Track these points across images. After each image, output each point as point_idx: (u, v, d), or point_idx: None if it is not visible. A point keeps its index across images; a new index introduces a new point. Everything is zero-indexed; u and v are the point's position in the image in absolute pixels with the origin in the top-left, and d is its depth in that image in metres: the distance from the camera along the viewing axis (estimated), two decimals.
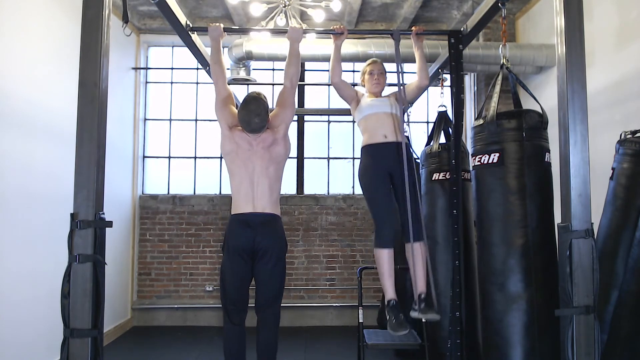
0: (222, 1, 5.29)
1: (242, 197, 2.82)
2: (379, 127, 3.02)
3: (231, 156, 2.87)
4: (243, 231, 2.77)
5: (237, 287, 2.80)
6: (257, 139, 2.86)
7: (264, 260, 2.77)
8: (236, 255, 2.77)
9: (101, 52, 2.01)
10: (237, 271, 2.78)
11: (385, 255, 2.91)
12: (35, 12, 3.83)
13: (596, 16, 4.03)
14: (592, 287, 2.01)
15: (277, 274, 2.82)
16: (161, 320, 5.77)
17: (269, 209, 2.82)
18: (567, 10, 2.11)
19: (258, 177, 2.82)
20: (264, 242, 2.76)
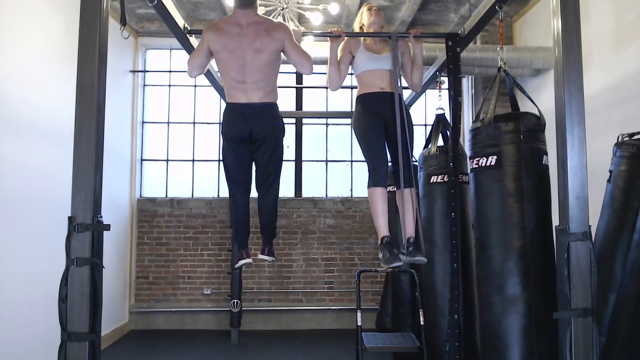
0: (219, 4, 5.30)
1: (235, 89, 2.80)
2: (377, 80, 3.08)
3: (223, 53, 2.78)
4: (239, 122, 2.82)
5: (240, 169, 2.97)
6: (248, 20, 2.78)
7: (262, 148, 2.87)
8: (234, 143, 2.87)
9: (99, 54, 2.01)
10: (237, 157, 2.92)
11: (379, 193, 2.97)
12: (33, 14, 3.83)
13: (593, 19, 4.04)
14: (590, 290, 2.01)
15: (276, 158, 2.96)
16: (159, 324, 5.75)
17: (264, 99, 2.82)
18: (564, 13, 2.12)
19: (250, 67, 2.77)
20: (261, 132, 2.83)
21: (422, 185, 3.85)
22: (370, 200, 3.01)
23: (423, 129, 6.31)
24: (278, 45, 2.82)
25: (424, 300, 3.72)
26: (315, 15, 4.46)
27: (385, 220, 2.99)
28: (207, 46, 2.82)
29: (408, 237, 2.95)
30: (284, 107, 3.06)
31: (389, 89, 3.07)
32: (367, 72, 3.12)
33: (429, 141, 3.92)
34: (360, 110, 3.11)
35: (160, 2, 2.79)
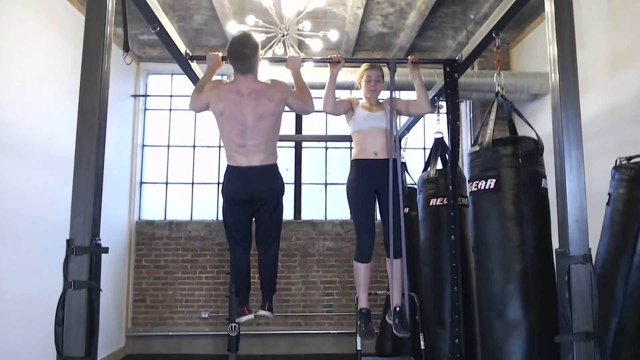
0: (221, 30, 5.39)
1: (236, 152, 2.79)
2: (371, 144, 3.08)
3: (223, 116, 2.78)
4: (240, 184, 2.83)
5: (240, 228, 2.98)
6: (248, 88, 2.77)
7: (263, 209, 2.90)
8: (235, 205, 2.88)
9: (101, 80, 2.03)
10: (237, 217, 2.94)
11: (362, 269, 3.09)
12: (36, 39, 3.89)
13: (589, 45, 4.11)
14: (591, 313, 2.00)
15: (276, 217, 2.98)
16: (156, 349, 5.67)
17: (265, 161, 2.82)
18: (559, 39, 2.15)
19: (251, 132, 2.76)
20: (262, 194, 2.84)
21: (421, 208, 3.85)
22: (355, 273, 3.16)
23: (422, 152, 6.34)
24: (280, 108, 2.86)
25: (425, 324, 3.68)
26: (315, 42, 4.52)
27: (365, 294, 3.14)
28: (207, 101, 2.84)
29: (395, 305, 3.08)
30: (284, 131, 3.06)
31: (383, 154, 3.05)
32: (362, 132, 3.11)
33: (428, 164, 3.93)
34: (353, 178, 3.12)
35: (163, 29, 2.83)
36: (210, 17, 5.20)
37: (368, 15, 5.12)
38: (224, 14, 4.82)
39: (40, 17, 3.94)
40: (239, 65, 2.76)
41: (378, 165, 3.04)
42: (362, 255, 3.07)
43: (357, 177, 3.10)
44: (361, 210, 3.08)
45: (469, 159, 2.92)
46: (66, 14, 4.28)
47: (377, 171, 3.03)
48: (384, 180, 2.96)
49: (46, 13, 4.02)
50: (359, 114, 3.13)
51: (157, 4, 2.69)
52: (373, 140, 3.08)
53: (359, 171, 3.10)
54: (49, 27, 4.05)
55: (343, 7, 4.95)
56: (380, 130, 3.09)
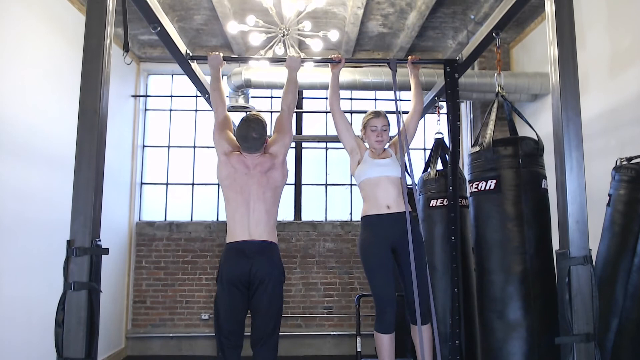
0: (221, 31, 5.39)
1: (238, 223, 2.73)
2: (382, 196, 2.84)
3: (228, 181, 2.80)
4: (239, 260, 2.65)
5: (232, 319, 2.66)
6: (255, 162, 2.82)
7: (260, 290, 2.63)
8: (231, 285, 2.64)
9: (102, 80, 2.03)
10: (232, 302, 2.65)
11: (386, 341, 2.74)
12: (37, 40, 3.89)
13: (589, 45, 4.11)
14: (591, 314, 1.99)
15: (275, 305, 2.68)
16: (156, 350, 5.67)
17: (265, 237, 2.71)
18: (560, 39, 2.15)
19: (254, 203, 2.75)
20: (260, 271, 2.63)
21: (421, 209, 3.85)
22: (377, 346, 2.78)
23: (422, 152, 6.34)
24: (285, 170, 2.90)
25: None
26: (315, 42, 4.53)
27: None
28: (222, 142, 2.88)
29: None
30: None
31: (396, 207, 2.83)
32: (370, 182, 2.90)
33: (428, 165, 3.93)
34: (366, 237, 2.84)
35: (163, 29, 2.83)
36: (211, 17, 5.20)
37: (368, 15, 5.13)
38: (224, 14, 4.82)
39: (40, 17, 3.94)
40: (247, 146, 2.80)
41: (393, 221, 2.80)
42: (385, 326, 2.73)
43: (370, 237, 2.82)
44: (379, 274, 2.75)
45: (469, 160, 2.92)
46: (66, 14, 4.29)
47: (392, 225, 2.79)
48: (401, 236, 2.72)
49: (46, 13, 4.02)
50: (367, 161, 2.93)
51: (157, 4, 2.69)
52: (384, 191, 2.85)
53: (372, 229, 2.83)
54: (50, 27, 4.05)
55: (343, 7, 4.95)
56: (390, 179, 2.87)
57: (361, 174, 2.93)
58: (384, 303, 2.74)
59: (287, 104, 3.00)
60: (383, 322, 2.74)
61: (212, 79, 3.04)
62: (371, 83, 5.01)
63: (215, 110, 2.98)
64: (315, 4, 4.24)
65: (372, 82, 5.00)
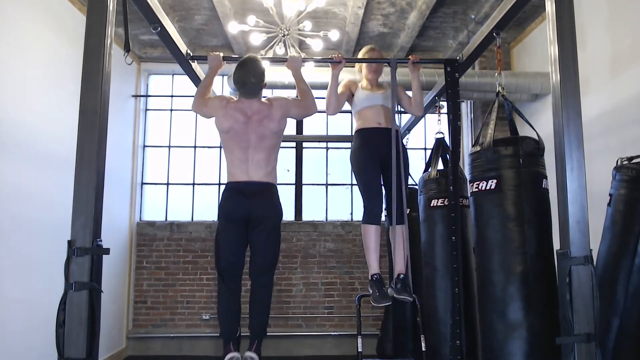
0: (222, 31, 5.39)
1: (237, 168, 2.82)
2: (374, 116, 3.16)
3: (229, 134, 2.84)
4: (237, 200, 2.78)
5: (232, 253, 2.82)
6: (253, 109, 2.84)
7: (259, 229, 2.78)
8: (231, 223, 2.78)
9: (102, 80, 2.03)
10: (231, 239, 2.80)
11: (372, 231, 3.03)
12: (37, 39, 3.89)
13: (590, 45, 4.10)
14: (592, 315, 1.99)
15: (272, 242, 2.85)
16: (156, 350, 5.67)
17: (264, 178, 2.83)
18: (560, 39, 2.15)
19: (254, 149, 2.81)
20: (258, 211, 2.77)
21: (422, 209, 3.84)
22: (364, 237, 3.09)
23: (423, 152, 6.34)
24: (282, 124, 2.92)
25: (425, 325, 3.67)
26: (315, 42, 4.53)
27: (376, 258, 3.06)
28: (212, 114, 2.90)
29: (398, 273, 3.04)
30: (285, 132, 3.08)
31: (386, 124, 3.13)
32: (364, 109, 3.21)
33: (429, 165, 3.93)
34: (358, 145, 3.16)
35: (164, 29, 2.83)
36: (211, 17, 5.20)
37: (369, 15, 5.12)
38: (225, 14, 4.82)
39: (41, 17, 3.94)
40: (244, 92, 2.83)
41: (382, 133, 3.10)
42: (373, 217, 3.05)
43: (362, 145, 3.14)
44: (368, 172, 3.09)
45: (470, 160, 2.91)
46: (67, 14, 4.29)
47: (381, 138, 3.08)
48: (388, 148, 3.00)
49: (47, 13, 4.03)
50: (360, 95, 3.23)
51: (157, 4, 2.69)
52: (376, 113, 3.16)
53: (364, 139, 3.15)
54: (50, 27, 4.06)
55: (344, 7, 4.95)
56: (382, 106, 3.18)
57: (356, 106, 3.24)
58: (371, 197, 3.06)
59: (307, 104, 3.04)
60: (370, 214, 3.05)
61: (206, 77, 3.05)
62: None
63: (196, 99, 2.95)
64: (316, 4, 4.24)
65: None
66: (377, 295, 2.96)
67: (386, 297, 2.95)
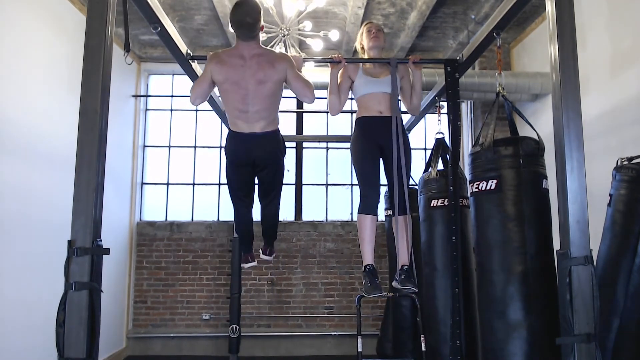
0: (222, 30, 5.39)
1: (237, 117, 2.84)
2: (375, 104, 3.11)
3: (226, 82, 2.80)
4: (242, 151, 2.90)
5: (241, 187, 3.11)
6: (251, 52, 2.79)
7: (265, 171, 3.01)
8: (237, 166, 2.98)
9: (102, 80, 2.03)
10: (240, 178, 3.06)
11: (368, 221, 2.99)
12: (37, 39, 3.89)
13: (590, 45, 4.10)
14: (592, 315, 1.99)
15: (278, 177, 3.12)
16: (156, 350, 5.67)
17: (266, 128, 2.87)
18: (560, 39, 2.15)
19: (253, 97, 2.79)
20: (264, 159, 2.94)
21: (422, 209, 3.84)
22: (359, 227, 3.04)
23: (423, 152, 6.34)
24: (280, 75, 2.85)
25: (425, 325, 3.67)
26: (316, 42, 4.53)
27: (371, 248, 3.01)
28: (210, 76, 2.85)
29: (401, 264, 2.99)
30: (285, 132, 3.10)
31: (387, 112, 3.07)
32: (365, 96, 3.14)
33: (429, 165, 3.92)
34: (358, 134, 3.12)
35: (164, 29, 2.83)
36: (211, 17, 5.20)
37: (369, 15, 5.12)
38: (225, 14, 4.82)
39: (41, 17, 3.94)
40: (241, 32, 2.77)
41: (383, 122, 3.05)
42: (368, 207, 3.01)
43: (362, 134, 3.11)
44: (366, 161, 3.06)
45: (470, 160, 2.91)
46: (67, 14, 4.29)
47: (382, 126, 3.04)
48: (389, 137, 2.96)
49: (47, 13, 4.03)
50: (361, 81, 3.15)
51: (158, 4, 2.69)
52: (377, 101, 3.10)
53: (364, 128, 3.12)
54: (50, 27, 4.06)
55: (344, 7, 4.95)
56: (383, 94, 3.10)
57: (358, 90, 3.17)
58: (367, 187, 3.03)
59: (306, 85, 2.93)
60: (366, 204, 3.02)
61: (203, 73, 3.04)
62: None
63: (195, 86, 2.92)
64: (316, 4, 4.24)
65: None
66: (369, 286, 2.93)
67: (377, 289, 2.90)
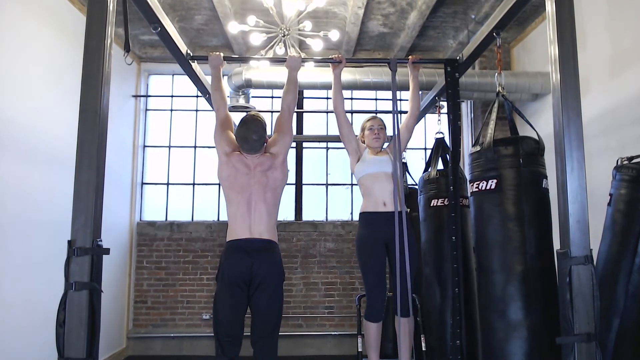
0: (222, 30, 5.39)
1: (239, 222, 2.74)
2: (379, 192, 3.06)
3: (229, 181, 2.81)
4: (239, 258, 2.65)
5: (232, 317, 2.64)
6: (255, 162, 2.82)
7: (261, 289, 2.63)
8: (232, 283, 2.63)
9: (102, 80, 2.03)
10: (232, 301, 2.63)
11: (373, 328, 3.04)
12: (37, 39, 3.89)
13: (590, 45, 4.10)
14: (592, 314, 1.99)
15: (275, 304, 2.68)
16: (157, 350, 5.67)
17: (266, 235, 2.73)
18: (560, 39, 2.15)
19: (255, 203, 2.76)
20: (261, 270, 2.63)
21: (422, 208, 3.85)
22: (365, 333, 3.08)
23: (423, 152, 6.34)
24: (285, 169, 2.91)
25: (426, 325, 3.67)
26: (315, 42, 4.52)
27: (376, 353, 3.07)
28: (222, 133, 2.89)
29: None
30: None
31: (392, 206, 3.01)
32: (369, 176, 3.10)
33: (429, 165, 3.93)
34: (363, 233, 3.09)
35: (164, 29, 2.83)
36: (211, 17, 5.20)
37: (369, 15, 5.12)
38: (225, 14, 4.82)
39: (41, 17, 3.94)
40: (247, 148, 2.80)
41: (387, 218, 3.00)
42: (374, 315, 3.01)
43: (367, 234, 3.06)
44: (372, 268, 3.02)
45: (470, 159, 2.91)
46: (67, 14, 4.29)
47: (386, 223, 2.99)
48: (393, 233, 2.90)
49: (47, 13, 4.03)
50: (365, 158, 3.15)
51: (157, 4, 2.69)
52: (381, 187, 3.07)
53: (369, 226, 3.07)
54: (50, 28, 4.06)
55: (344, 7, 4.95)
56: (387, 175, 3.09)
57: (361, 171, 3.15)
58: (374, 294, 3.01)
59: (288, 103, 2.99)
60: (373, 312, 3.02)
61: (213, 79, 3.02)
62: (372, 83, 5.00)
63: (217, 110, 2.97)
64: (316, 4, 4.23)
65: (372, 82, 5.00)
66: None
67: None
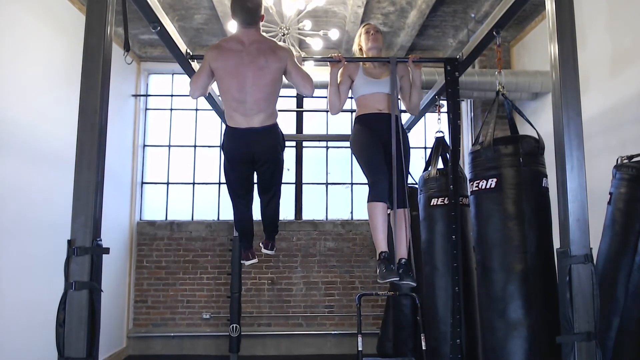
0: (221, 30, 5.38)
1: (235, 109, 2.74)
2: (374, 103, 3.13)
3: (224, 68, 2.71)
4: (241, 147, 2.83)
5: (241, 185, 3.04)
6: (251, 38, 2.73)
7: (264, 167, 2.93)
8: (236, 163, 2.91)
9: (102, 79, 2.02)
10: (238, 175, 2.98)
11: (379, 208, 2.93)
12: (37, 39, 3.89)
13: (590, 43, 4.10)
14: (592, 313, 1.99)
15: (277, 172, 3.05)
16: (157, 349, 5.67)
17: (265, 122, 2.79)
18: (560, 38, 2.15)
19: (252, 86, 2.70)
20: (263, 154, 2.86)
21: (422, 207, 3.84)
22: (370, 215, 2.96)
23: (423, 151, 6.33)
24: (281, 64, 2.77)
25: (426, 324, 3.67)
26: (315, 41, 4.52)
27: (384, 235, 2.94)
28: (208, 66, 2.77)
29: (400, 258, 2.94)
30: (285, 131, 3.08)
31: (387, 110, 3.09)
32: (365, 96, 3.15)
33: (429, 164, 3.93)
34: (359, 129, 3.13)
35: (163, 28, 2.83)
36: (211, 17, 5.19)
37: (369, 14, 5.12)
38: (225, 13, 4.82)
39: (40, 17, 3.94)
40: (242, 18, 2.73)
41: (383, 118, 3.07)
42: (379, 194, 2.94)
43: (363, 128, 3.11)
44: (370, 150, 3.03)
45: (470, 158, 2.91)
46: (67, 14, 4.29)
47: (382, 123, 3.06)
48: (389, 133, 2.98)
49: (46, 13, 4.02)
50: (361, 81, 3.16)
51: (157, 3, 2.69)
52: (377, 100, 3.12)
53: (364, 123, 3.12)
54: (50, 27, 4.05)
55: (343, 6, 4.95)
56: (383, 94, 3.12)
57: (358, 90, 3.19)
58: (375, 174, 2.97)
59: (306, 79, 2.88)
60: (376, 191, 2.95)
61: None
62: None
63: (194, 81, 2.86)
64: (316, 3, 4.23)
65: None
66: (383, 272, 2.85)
67: (392, 273, 2.82)
